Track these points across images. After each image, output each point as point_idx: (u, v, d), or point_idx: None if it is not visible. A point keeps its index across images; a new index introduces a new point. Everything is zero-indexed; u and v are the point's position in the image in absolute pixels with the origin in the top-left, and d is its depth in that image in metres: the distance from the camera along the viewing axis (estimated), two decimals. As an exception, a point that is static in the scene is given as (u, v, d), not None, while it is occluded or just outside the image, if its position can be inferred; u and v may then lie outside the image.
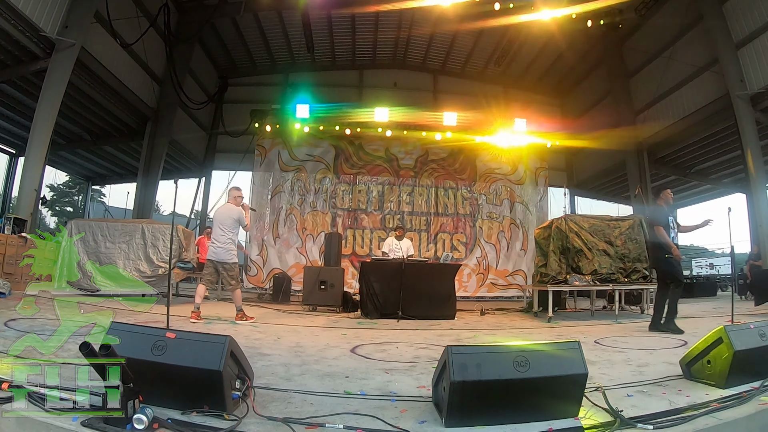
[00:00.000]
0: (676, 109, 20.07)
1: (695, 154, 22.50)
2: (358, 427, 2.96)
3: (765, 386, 4.06)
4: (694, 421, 3.23)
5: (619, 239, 11.95)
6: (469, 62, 24.11)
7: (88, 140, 22.13)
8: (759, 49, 16.13)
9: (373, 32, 21.61)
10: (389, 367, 5.08)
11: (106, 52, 16.00)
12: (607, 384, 4.09)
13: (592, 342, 6.98)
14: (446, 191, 20.39)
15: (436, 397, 3.46)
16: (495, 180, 20.88)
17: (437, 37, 21.67)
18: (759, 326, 4.39)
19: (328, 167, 19.91)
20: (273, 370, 4.66)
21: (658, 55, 20.05)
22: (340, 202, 19.77)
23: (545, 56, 23.23)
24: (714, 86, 17.84)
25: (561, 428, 3.03)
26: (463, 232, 20.13)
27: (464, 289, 18.48)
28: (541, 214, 20.99)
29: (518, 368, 3.08)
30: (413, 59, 23.82)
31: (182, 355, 3.06)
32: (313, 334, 7.56)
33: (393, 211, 19.81)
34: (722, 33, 16.88)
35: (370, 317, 10.41)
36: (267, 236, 19.18)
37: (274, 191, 19.54)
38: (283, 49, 22.82)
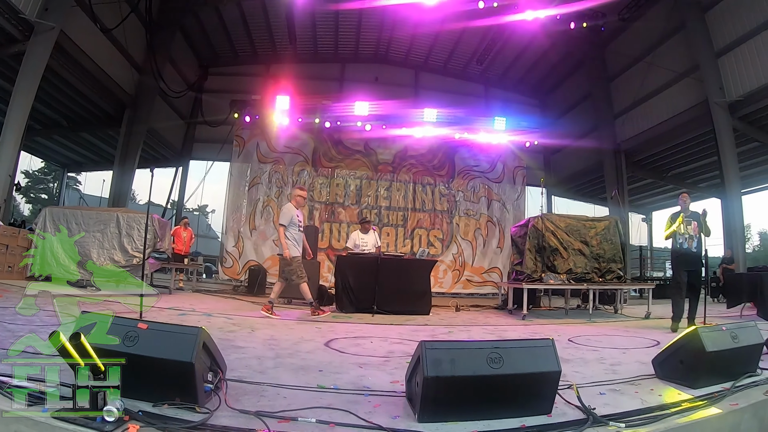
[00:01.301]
0: (654, 114, 20.30)
1: (672, 158, 22.77)
2: (331, 421, 2.93)
3: (736, 387, 4.10)
4: (666, 420, 3.24)
5: (595, 239, 12.06)
6: (451, 59, 24.17)
7: (64, 126, 21.86)
8: (739, 57, 16.38)
9: (357, 26, 21.60)
10: (363, 361, 5.06)
11: (86, 36, 15.76)
12: (580, 382, 4.08)
13: (565, 340, 7.01)
14: (424, 187, 20.42)
15: (409, 392, 3.45)
16: (473, 177, 20.94)
17: (420, 34, 21.63)
18: (731, 328, 4.44)
19: (306, 160, 19.83)
20: (246, 363, 4.62)
21: (639, 60, 20.24)
22: (318, 195, 19.70)
23: (527, 56, 23.40)
24: (693, 92, 18.11)
25: (534, 425, 3.02)
26: (439, 228, 20.17)
27: (440, 285, 18.53)
28: (518, 212, 21.09)
29: (492, 364, 3.07)
30: (395, 54, 23.83)
31: (154, 346, 3.01)
32: (288, 328, 7.53)
33: (370, 206, 19.80)
34: (704, 41, 17.13)
35: (345, 311, 10.40)
36: (243, 228, 19.05)
37: (252, 183, 19.41)
38: (265, 40, 22.70)
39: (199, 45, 22.73)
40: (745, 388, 4.14)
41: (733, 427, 3.59)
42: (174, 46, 20.10)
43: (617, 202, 19.77)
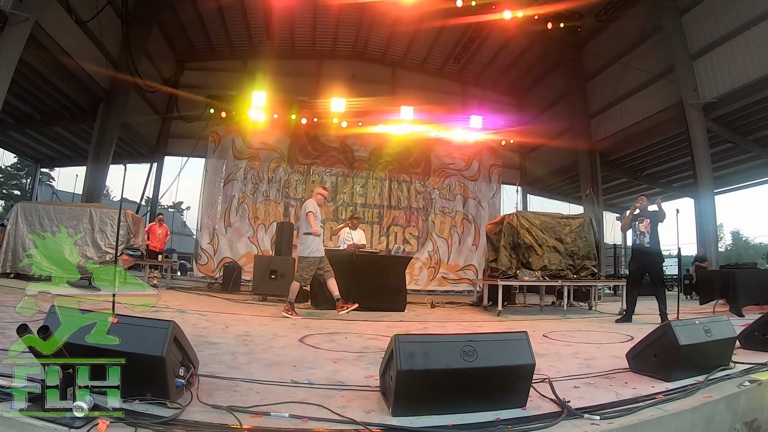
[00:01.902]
0: (630, 114, 20.53)
1: (647, 158, 23.08)
2: (304, 415, 2.90)
3: (710, 380, 4.15)
4: (640, 413, 3.26)
5: (569, 237, 12.16)
6: (428, 58, 24.19)
7: (38, 120, 21.50)
8: (714, 60, 16.67)
9: (335, 22, 21.50)
10: (337, 356, 5.04)
11: (61, 28, 15.45)
12: (554, 376, 4.08)
13: (540, 336, 7.05)
14: (400, 185, 20.44)
15: (383, 386, 3.42)
16: (449, 175, 21.01)
17: (398, 31, 21.61)
18: (703, 322, 4.49)
19: (282, 156, 19.73)
20: (220, 358, 4.58)
21: (615, 61, 20.43)
22: (293, 191, 19.63)
23: (504, 55, 23.50)
24: (668, 94, 18.33)
25: (508, 418, 3.01)
26: (415, 225, 20.22)
27: (415, 282, 18.57)
28: (494, 210, 21.20)
29: (466, 357, 3.05)
30: (373, 51, 23.78)
31: (124, 340, 2.94)
32: (262, 324, 7.49)
33: (346, 203, 19.77)
34: (679, 43, 17.39)
35: (320, 308, 10.33)
36: (218, 225, 18.93)
37: (227, 179, 19.28)
38: (242, 35, 22.52)
39: (175, 39, 22.47)
40: (718, 381, 4.19)
41: (707, 419, 3.63)
42: (150, 40, 19.81)
43: (592, 200, 19.93)
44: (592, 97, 22.70)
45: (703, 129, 17.21)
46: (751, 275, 12.08)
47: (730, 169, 22.40)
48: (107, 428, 2.51)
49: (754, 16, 15.31)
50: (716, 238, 18.98)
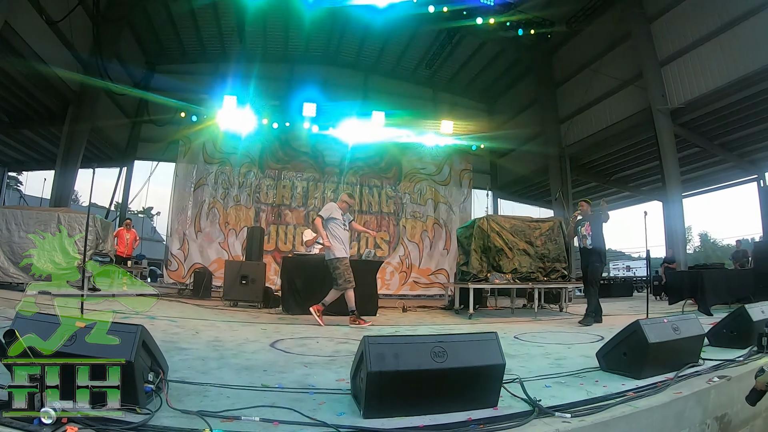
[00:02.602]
0: (599, 119, 20.83)
1: (616, 162, 23.34)
2: (275, 419, 2.89)
3: (680, 377, 4.22)
4: (611, 410, 3.30)
5: (539, 240, 12.26)
6: (400, 63, 24.21)
7: (5, 122, 21.13)
8: (682, 67, 17.05)
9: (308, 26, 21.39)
10: (309, 360, 5.02)
11: (31, 28, 15.15)
12: (525, 376, 4.11)
13: (511, 337, 7.11)
14: (371, 189, 20.49)
15: (354, 388, 3.41)
16: (420, 180, 21.10)
17: (371, 36, 21.63)
18: (672, 320, 4.58)
19: (253, 161, 19.66)
20: (190, 364, 4.54)
21: (585, 67, 20.74)
22: (264, 196, 19.57)
23: (476, 61, 23.63)
24: (636, 99, 18.66)
25: (480, 418, 3.02)
26: (386, 230, 20.26)
27: (387, 287, 18.58)
28: (465, 214, 21.34)
29: (436, 358, 3.06)
30: (345, 56, 23.73)
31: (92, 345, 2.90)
32: (233, 329, 7.43)
33: (317, 208, 19.64)
34: (648, 50, 17.73)
35: (292, 313, 10.26)
36: (188, 230, 18.78)
37: (197, 184, 19.16)
38: (214, 38, 22.32)
39: (146, 41, 22.20)
40: (688, 378, 4.27)
41: (677, 414, 3.69)
42: (121, 42, 19.47)
43: (561, 203, 20.12)
44: (562, 103, 22.96)
45: (671, 134, 17.50)
46: (719, 275, 12.33)
47: (698, 172, 22.73)
48: (75, 434, 2.47)
49: (721, 25, 15.70)
50: (684, 240, 19.27)
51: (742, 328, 5.56)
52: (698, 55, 16.57)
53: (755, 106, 16.26)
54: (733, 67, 15.53)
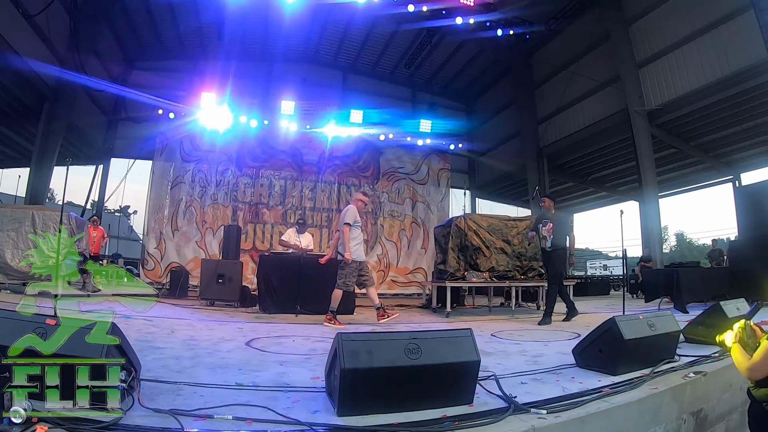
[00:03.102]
0: (577, 120, 21.00)
1: (593, 163, 23.53)
2: (248, 417, 2.87)
3: (655, 373, 4.26)
4: (587, 405, 3.33)
5: (517, 238, 12.33)
6: (379, 62, 24.18)
7: (-20, 119, 20.87)
8: (659, 69, 17.30)
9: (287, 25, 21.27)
10: (284, 359, 5.01)
11: (7, 22, 14.95)
12: (502, 373, 4.14)
13: (488, 335, 7.15)
14: (349, 188, 20.46)
15: (329, 386, 3.40)
16: (398, 179, 21.12)
17: (350, 36, 21.60)
18: (647, 317, 4.62)
19: (230, 159, 19.53)
20: (164, 363, 4.51)
21: (563, 68, 20.86)
22: (242, 195, 19.45)
23: (455, 61, 23.68)
24: (614, 101, 18.85)
25: (455, 414, 3.02)
26: (364, 229, 20.12)
27: (364, 285, 18.53)
28: (443, 213, 21.42)
29: (410, 355, 3.06)
30: (324, 55, 23.66)
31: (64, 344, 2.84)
32: (209, 328, 7.42)
33: (295, 206, 19.67)
34: (626, 52, 17.96)
35: (268, 312, 10.28)
36: (165, 229, 18.62)
37: (174, 182, 18.99)
38: (193, 35, 22.11)
39: (125, 38, 21.86)
40: (664, 374, 4.32)
41: (653, 410, 3.73)
42: (99, 38, 19.22)
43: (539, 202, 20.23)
44: (540, 104, 23.11)
45: (648, 135, 17.70)
46: (695, 273, 12.47)
47: (674, 173, 22.94)
48: (45, 434, 2.42)
49: (698, 28, 15.96)
50: (661, 239, 19.52)
51: (717, 325, 5.59)
52: (675, 58, 16.80)
53: (731, 109, 16.46)
54: (710, 70, 15.75)
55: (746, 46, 14.54)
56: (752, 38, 14.01)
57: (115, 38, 21.31)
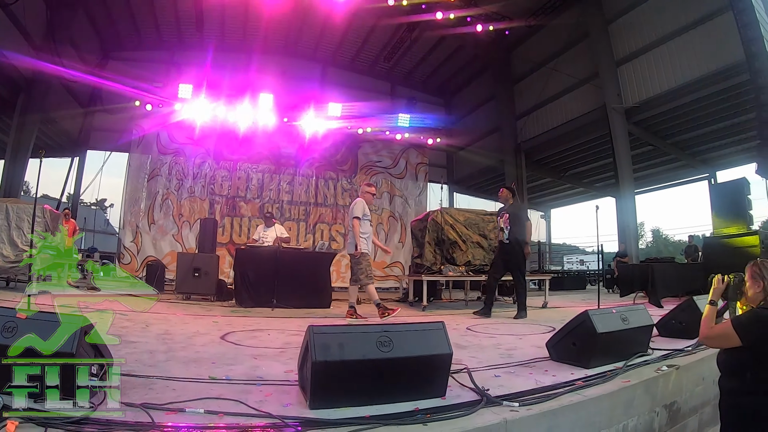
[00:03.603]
0: (555, 116, 21.17)
1: (570, 159, 23.75)
2: (220, 411, 2.86)
3: (628, 366, 4.31)
4: (560, 398, 3.35)
5: (493, 233, 12.41)
6: (359, 56, 24.16)
7: (-46, 109, 20.50)
8: (637, 68, 17.58)
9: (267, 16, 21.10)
10: (258, 353, 5.00)
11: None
12: (475, 366, 4.17)
13: (464, 329, 7.20)
14: (326, 182, 20.42)
15: (301, 379, 3.38)
16: (376, 173, 21.12)
17: (330, 28, 21.48)
18: (621, 311, 4.66)
19: (208, 152, 19.36)
20: (137, 357, 4.47)
21: (543, 65, 21.06)
22: (219, 188, 19.31)
23: (435, 56, 23.76)
24: (592, 98, 19.06)
25: (427, 407, 3.01)
26: (341, 223, 20.21)
27: (342, 279, 18.47)
28: (420, 208, 21.45)
29: (382, 348, 3.05)
30: (304, 48, 23.55)
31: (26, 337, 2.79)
32: (184, 322, 7.37)
33: (272, 200, 19.58)
34: (605, 50, 18.19)
35: (245, 306, 10.22)
36: (142, 222, 18.43)
37: (151, 175, 18.79)
38: (171, 25, 21.86)
39: (101, 27, 21.55)
40: (636, 367, 4.37)
41: (626, 402, 3.76)
42: (76, 27, 18.96)
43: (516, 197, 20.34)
44: (519, 99, 23.25)
45: (625, 132, 17.88)
46: (669, 269, 12.67)
47: (651, 170, 23.20)
48: (16, 429, 2.40)
49: (676, 29, 16.22)
50: (636, 235, 19.69)
51: (690, 319, 5.66)
52: (654, 57, 17.04)
53: (707, 108, 16.72)
54: (688, 69, 15.97)
55: (724, 47, 14.72)
56: (730, 39, 14.16)
57: (92, 27, 21.03)
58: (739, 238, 12.28)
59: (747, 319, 3.30)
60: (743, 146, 19.05)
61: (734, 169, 22.10)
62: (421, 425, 2.76)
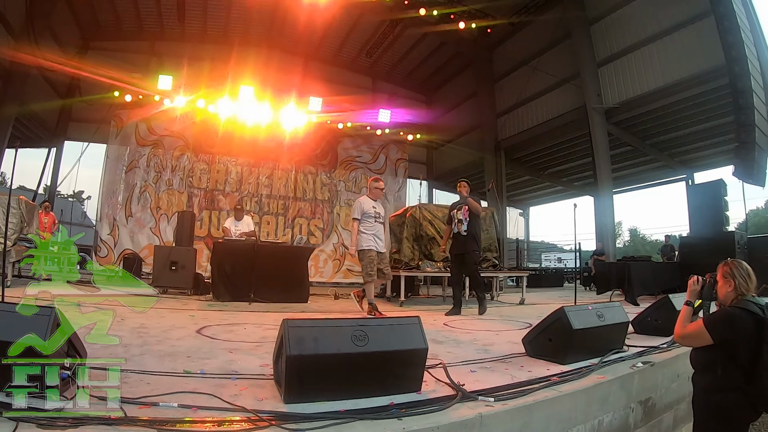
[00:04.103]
0: (536, 115, 21.32)
1: (550, 157, 23.94)
2: (194, 405, 2.83)
3: (604, 362, 4.34)
4: (535, 394, 3.36)
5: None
6: (341, 50, 24.12)
7: (-73, 99, 20.14)
8: (618, 69, 17.79)
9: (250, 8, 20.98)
10: (234, 347, 4.97)
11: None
12: (452, 361, 4.16)
13: (441, 324, 7.24)
14: (306, 176, 20.36)
15: (276, 374, 3.36)
16: (355, 168, 21.11)
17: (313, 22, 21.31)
18: (596, 308, 4.70)
19: (186, 144, 19.17)
20: (112, 350, 4.34)
21: (524, 63, 21.16)
22: (197, 181, 19.16)
23: (417, 52, 23.79)
24: (573, 97, 19.22)
25: (402, 402, 3.01)
26: (320, 217, 20.18)
27: (320, 274, 18.54)
28: (399, 203, 21.49)
29: (357, 342, 3.05)
30: (286, 41, 23.42)
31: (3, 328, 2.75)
32: (160, 316, 7.31)
33: (251, 193, 19.47)
34: (587, 51, 18.41)
35: (222, 300, 10.16)
36: (119, 215, 18.24)
37: (129, 166, 18.59)
38: (152, 15, 21.59)
39: (82, 16, 21.26)
40: (612, 363, 4.41)
41: (601, 398, 3.81)
42: (56, 15, 18.72)
43: (495, 194, 20.43)
44: (500, 97, 23.37)
45: (605, 132, 18.05)
46: (646, 267, 12.83)
47: (629, 170, 23.44)
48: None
49: (658, 32, 16.44)
50: (614, 234, 19.94)
51: (665, 317, 5.72)
52: (635, 58, 17.25)
53: (686, 110, 16.94)
54: (668, 72, 16.18)
55: (705, 50, 14.92)
56: (710, 44, 14.34)
57: (73, 16, 20.72)
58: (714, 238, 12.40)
59: (718, 317, 3.40)
60: (721, 149, 19.28)
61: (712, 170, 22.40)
62: (396, 420, 2.76)
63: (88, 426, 2.49)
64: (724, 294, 3.48)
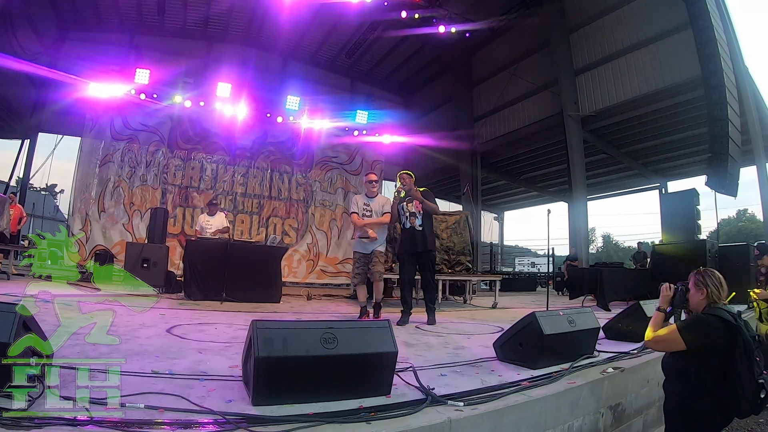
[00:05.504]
0: (512, 121, 21.54)
1: (525, 163, 24.16)
2: (161, 406, 2.80)
3: (574, 367, 4.39)
4: (505, 398, 3.37)
5: (445, 233, 12.50)
6: (321, 50, 24.15)
7: None
8: (595, 78, 18.05)
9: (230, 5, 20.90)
10: (204, 347, 4.94)
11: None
12: (422, 365, 4.18)
13: (413, 327, 7.26)
14: (281, 175, 20.17)
15: (245, 375, 3.35)
16: (331, 168, 20.98)
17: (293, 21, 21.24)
18: (568, 313, 4.73)
19: (162, 139, 18.91)
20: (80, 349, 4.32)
21: (503, 69, 21.38)
22: (172, 177, 18.87)
23: (396, 55, 23.87)
24: (549, 104, 19.47)
25: (372, 405, 3.00)
26: (295, 217, 20.04)
27: (294, 274, 18.42)
28: (375, 205, 21.31)
29: (326, 345, 3.04)
30: (266, 38, 23.34)
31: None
32: (130, 314, 7.16)
33: (226, 191, 19.24)
34: (565, 59, 18.65)
35: (193, 298, 10.09)
36: (92, 210, 17.89)
37: (103, 161, 18.24)
38: (132, 7, 21.42)
39: (60, 5, 21.06)
40: (582, 368, 4.46)
41: (571, 403, 3.82)
42: (33, 4, 18.49)
43: (470, 198, 20.52)
44: (477, 102, 23.54)
45: (580, 139, 18.24)
46: (618, 273, 12.98)
47: (604, 177, 23.72)
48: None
49: (635, 42, 16.70)
50: (587, 240, 20.10)
51: (636, 323, 5.78)
52: (613, 68, 17.50)
53: (660, 120, 17.21)
54: (645, 82, 16.42)
55: (681, 62, 15.18)
56: (687, 55, 14.58)
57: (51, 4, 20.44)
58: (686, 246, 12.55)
59: (691, 322, 3.45)
60: (695, 159, 19.58)
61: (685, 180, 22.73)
62: (365, 423, 2.74)
63: (53, 427, 2.45)
64: (696, 302, 3.54)
